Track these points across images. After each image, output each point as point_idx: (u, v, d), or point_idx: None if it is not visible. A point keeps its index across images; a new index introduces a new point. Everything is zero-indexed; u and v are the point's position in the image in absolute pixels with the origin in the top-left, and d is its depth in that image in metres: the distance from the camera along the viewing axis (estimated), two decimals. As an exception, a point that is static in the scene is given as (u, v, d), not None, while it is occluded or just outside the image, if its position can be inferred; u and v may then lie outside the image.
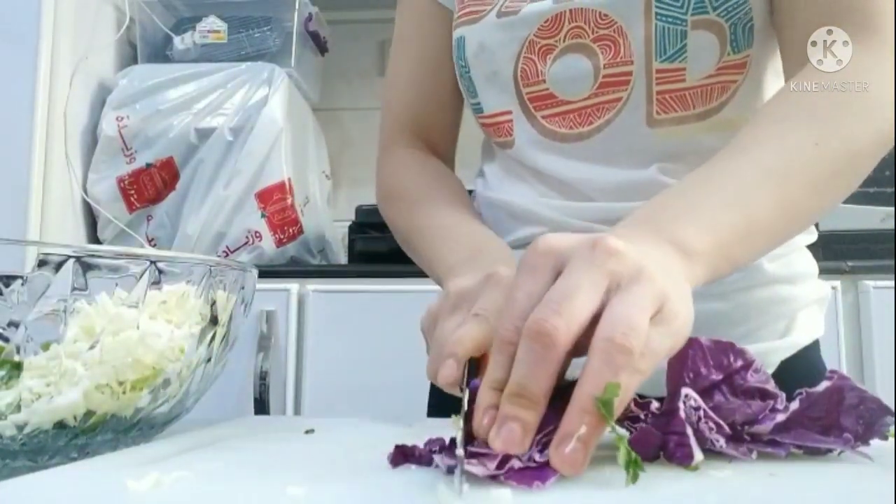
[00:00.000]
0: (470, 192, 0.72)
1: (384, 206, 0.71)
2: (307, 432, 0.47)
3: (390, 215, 0.70)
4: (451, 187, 0.68)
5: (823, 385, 0.37)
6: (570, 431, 0.32)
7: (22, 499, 0.31)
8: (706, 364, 0.38)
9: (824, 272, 0.66)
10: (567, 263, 0.36)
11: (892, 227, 1.41)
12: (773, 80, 0.61)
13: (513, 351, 0.34)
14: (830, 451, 0.37)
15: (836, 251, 1.35)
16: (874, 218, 1.42)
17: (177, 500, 0.30)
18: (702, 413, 0.36)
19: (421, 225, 0.64)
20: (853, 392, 0.37)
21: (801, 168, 0.48)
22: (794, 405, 0.37)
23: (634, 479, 0.31)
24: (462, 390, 0.40)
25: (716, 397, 0.37)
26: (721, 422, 0.36)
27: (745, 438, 0.37)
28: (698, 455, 0.34)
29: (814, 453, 0.37)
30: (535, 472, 0.32)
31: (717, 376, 0.38)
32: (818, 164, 0.48)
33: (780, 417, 0.37)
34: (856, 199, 1.40)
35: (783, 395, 0.37)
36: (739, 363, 0.38)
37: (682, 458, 0.34)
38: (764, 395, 0.38)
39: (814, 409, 0.37)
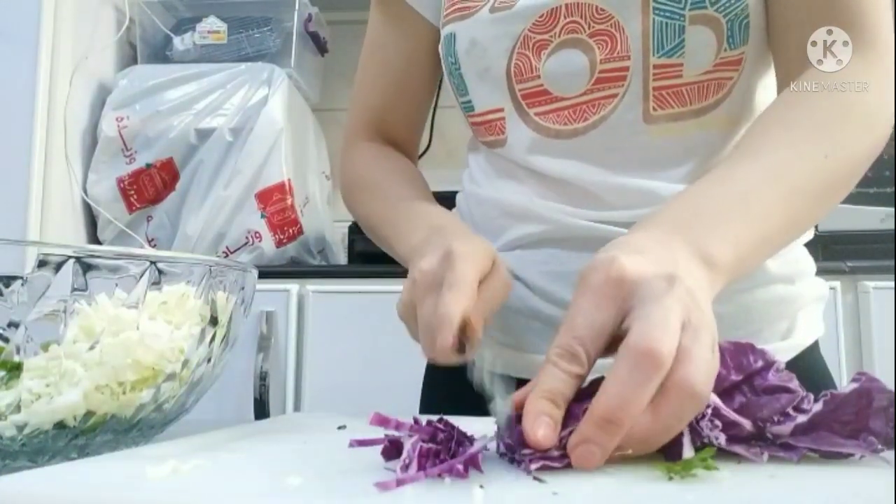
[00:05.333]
0: (457, 192, 0.72)
1: (348, 196, 0.74)
2: (339, 428, 0.47)
3: (354, 204, 0.72)
4: (407, 174, 0.71)
5: (851, 387, 0.36)
6: (622, 449, 0.34)
7: (42, 487, 0.31)
8: (725, 365, 0.37)
9: (824, 272, 0.66)
10: (642, 296, 0.36)
11: (892, 227, 1.41)
12: (767, 80, 0.61)
13: (570, 369, 0.35)
14: (851, 455, 0.36)
15: (836, 251, 1.35)
16: (874, 218, 1.42)
17: (192, 487, 0.31)
18: (709, 411, 0.36)
19: (382, 209, 0.66)
20: (883, 394, 0.36)
21: (810, 179, 0.49)
22: (817, 407, 0.36)
23: (675, 473, 0.32)
24: (461, 354, 0.44)
25: (737, 398, 0.37)
26: (741, 420, 0.36)
27: (768, 437, 0.36)
28: (688, 453, 0.34)
29: (832, 457, 0.36)
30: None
31: (736, 377, 0.37)
32: (825, 175, 0.50)
33: (802, 419, 0.36)
34: (856, 199, 1.40)
35: (811, 396, 0.37)
36: (760, 364, 0.37)
37: (670, 456, 0.34)
38: (789, 393, 0.37)
39: (842, 412, 0.36)
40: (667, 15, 0.56)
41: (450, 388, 0.66)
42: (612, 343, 0.36)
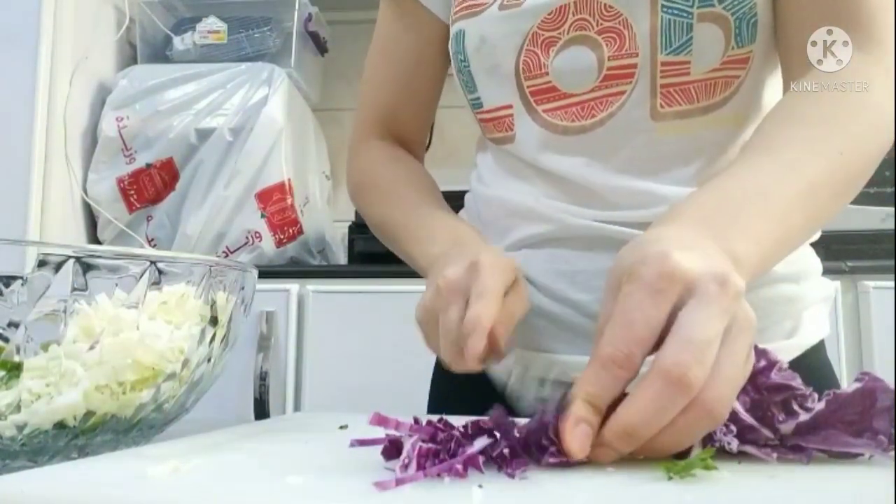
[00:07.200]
0: (465, 191, 0.72)
1: (357, 196, 0.74)
2: (341, 428, 0.47)
3: (363, 204, 0.73)
4: (421, 179, 0.71)
5: (854, 387, 0.36)
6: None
7: (42, 487, 0.32)
8: None
9: (824, 272, 0.66)
10: (694, 295, 0.36)
11: (892, 227, 1.41)
12: (775, 80, 0.61)
13: (621, 374, 0.35)
14: (860, 454, 0.36)
15: (836, 251, 1.34)
16: (874, 218, 1.42)
17: (192, 487, 0.31)
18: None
19: (397, 215, 0.67)
20: (886, 394, 0.35)
21: (827, 176, 0.49)
22: (820, 406, 0.36)
23: (675, 473, 0.32)
24: (485, 362, 0.44)
25: (741, 397, 0.37)
26: (759, 426, 0.36)
27: (777, 430, 0.36)
28: (694, 452, 0.34)
29: (840, 457, 0.36)
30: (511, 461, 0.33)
31: None
32: (841, 171, 0.50)
33: (804, 417, 0.36)
34: (856, 199, 1.40)
35: (815, 395, 0.37)
36: (762, 363, 0.37)
37: (677, 455, 0.35)
38: (792, 391, 0.37)
39: (845, 412, 0.36)
40: (675, 13, 0.56)
41: (459, 386, 0.67)
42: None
